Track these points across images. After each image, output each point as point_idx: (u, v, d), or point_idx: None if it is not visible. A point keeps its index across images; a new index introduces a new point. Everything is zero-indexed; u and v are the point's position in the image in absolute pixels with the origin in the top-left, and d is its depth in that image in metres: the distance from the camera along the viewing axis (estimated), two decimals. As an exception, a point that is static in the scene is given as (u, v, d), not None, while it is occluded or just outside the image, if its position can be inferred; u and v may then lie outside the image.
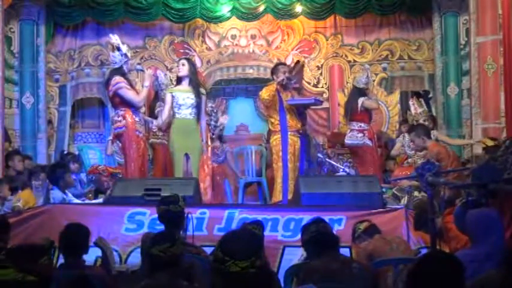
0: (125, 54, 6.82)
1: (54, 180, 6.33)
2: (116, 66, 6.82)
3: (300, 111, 7.64)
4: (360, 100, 7.97)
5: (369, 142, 7.98)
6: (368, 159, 7.97)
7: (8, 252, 2.48)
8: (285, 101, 7.42)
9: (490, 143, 7.42)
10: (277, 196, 7.34)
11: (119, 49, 6.80)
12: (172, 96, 6.92)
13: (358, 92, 8.13)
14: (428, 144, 6.59)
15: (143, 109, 7.90)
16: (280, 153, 7.35)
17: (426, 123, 7.96)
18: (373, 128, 8.23)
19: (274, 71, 7.75)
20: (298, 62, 9.39)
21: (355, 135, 7.99)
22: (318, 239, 3.71)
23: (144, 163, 6.98)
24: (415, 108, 8.45)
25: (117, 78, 6.72)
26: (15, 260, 2.39)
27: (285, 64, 8.40)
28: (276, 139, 7.44)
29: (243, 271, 2.07)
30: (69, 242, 3.93)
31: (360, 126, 7.99)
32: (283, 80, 7.44)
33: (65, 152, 9.22)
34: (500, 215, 3.61)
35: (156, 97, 8.28)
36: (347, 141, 8.09)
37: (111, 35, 7.08)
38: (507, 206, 3.91)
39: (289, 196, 7.19)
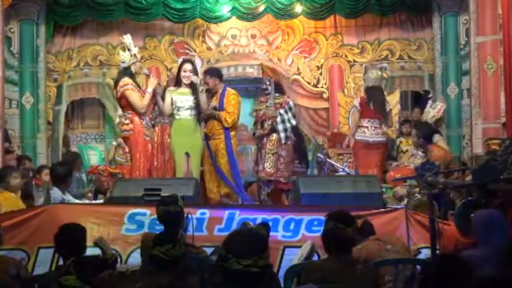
0: (135, 55, 6.97)
1: (58, 180, 6.28)
2: (124, 65, 6.96)
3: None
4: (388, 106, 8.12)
5: (381, 139, 8.03)
6: (374, 156, 7.99)
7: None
8: None
9: (496, 146, 7.39)
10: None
11: (129, 49, 6.95)
12: (172, 98, 6.99)
13: (374, 89, 8.14)
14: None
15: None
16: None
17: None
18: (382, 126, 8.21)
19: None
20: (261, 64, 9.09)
21: (363, 131, 8.05)
22: (328, 238, 3.61)
23: (152, 166, 7.08)
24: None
25: (125, 80, 6.86)
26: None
27: (216, 69, 7.99)
28: None
29: (245, 269, 2.09)
30: (65, 243, 3.90)
31: (371, 122, 8.04)
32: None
33: (67, 153, 9.21)
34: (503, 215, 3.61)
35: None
36: (357, 137, 8.09)
37: (127, 36, 7.15)
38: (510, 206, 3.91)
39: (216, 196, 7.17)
